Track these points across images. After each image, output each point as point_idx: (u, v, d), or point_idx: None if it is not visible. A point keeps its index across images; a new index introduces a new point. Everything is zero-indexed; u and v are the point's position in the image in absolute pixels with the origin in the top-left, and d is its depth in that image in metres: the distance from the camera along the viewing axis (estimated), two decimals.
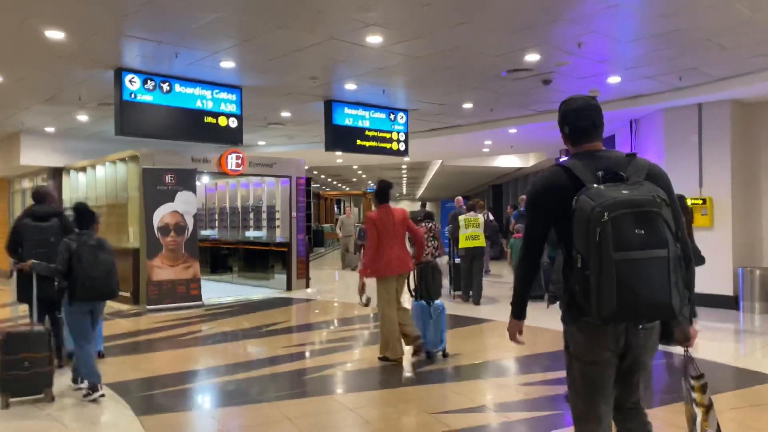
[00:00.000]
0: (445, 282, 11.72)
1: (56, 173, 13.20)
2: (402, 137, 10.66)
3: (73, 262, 4.74)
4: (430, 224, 10.26)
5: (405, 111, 10.62)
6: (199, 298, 10.24)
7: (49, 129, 11.98)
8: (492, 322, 8.37)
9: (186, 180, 10.33)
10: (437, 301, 6.17)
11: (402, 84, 8.87)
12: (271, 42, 6.63)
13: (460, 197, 12.82)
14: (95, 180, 11.97)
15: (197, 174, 10.76)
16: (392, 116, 10.48)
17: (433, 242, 10.58)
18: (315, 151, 14.71)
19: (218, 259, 14.59)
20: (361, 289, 5.91)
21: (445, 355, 6.20)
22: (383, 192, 5.98)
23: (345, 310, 9.98)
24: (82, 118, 10.76)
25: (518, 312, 2.51)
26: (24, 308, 6.17)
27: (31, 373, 4.74)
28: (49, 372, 4.88)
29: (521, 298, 2.50)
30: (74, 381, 5.22)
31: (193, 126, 8.22)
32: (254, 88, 8.72)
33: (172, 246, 10.12)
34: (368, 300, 5.90)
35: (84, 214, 5.01)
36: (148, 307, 9.77)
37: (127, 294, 10.22)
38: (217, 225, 14.74)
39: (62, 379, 5.31)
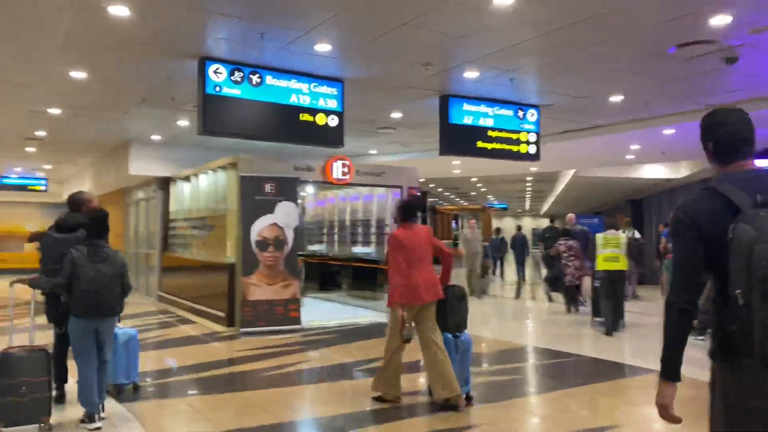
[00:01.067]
0: (583, 308, 10.49)
1: (164, 183, 12.86)
2: (532, 138, 8.94)
3: (74, 276, 4.38)
4: (570, 242, 8.51)
5: (536, 107, 8.91)
6: (297, 320, 9.12)
7: (156, 137, 11.57)
8: (628, 371, 6.40)
9: (287, 189, 9.31)
10: (464, 334, 5.24)
11: (534, 69, 7.22)
12: (371, 13, 5.32)
13: (572, 214, 11.81)
14: (198, 190, 11.36)
15: (300, 183, 9.72)
16: (521, 113, 8.81)
17: (574, 262, 8.97)
18: (431, 161, 13.30)
19: (326, 276, 13.61)
20: (402, 322, 4.85)
21: (469, 398, 5.14)
22: (411, 208, 5.22)
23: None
24: (183, 123, 10.14)
25: (671, 371, 2.07)
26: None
27: (28, 400, 4.25)
28: (48, 398, 4.38)
29: (674, 351, 2.06)
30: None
31: (286, 124, 7.10)
32: (358, 81, 7.48)
33: (270, 262, 9.11)
34: (410, 336, 4.88)
35: (98, 222, 4.58)
36: (242, 330, 8.79)
37: (222, 314, 9.35)
38: (325, 240, 13.74)
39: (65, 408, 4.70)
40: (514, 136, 8.77)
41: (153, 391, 5.70)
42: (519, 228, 17.36)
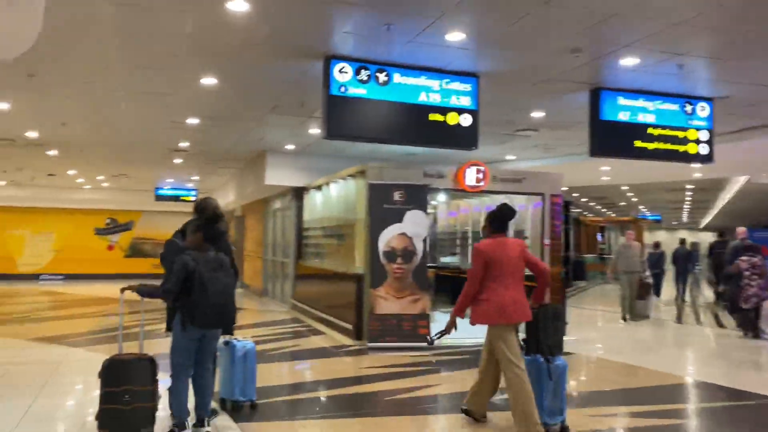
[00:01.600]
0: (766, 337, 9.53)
1: (298, 193, 12.90)
2: (704, 136, 7.60)
3: (192, 282, 4.14)
4: (754, 259, 7.13)
5: (708, 100, 7.58)
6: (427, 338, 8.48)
7: (289, 146, 11.59)
8: None
9: (416, 197, 8.75)
10: (558, 358, 4.72)
11: (707, 52, 6.04)
12: None
13: (743, 228, 10.77)
14: (329, 199, 11.19)
15: (430, 191, 9.12)
16: (688, 107, 7.53)
17: (758, 281, 7.57)
18: (575, 167, 12.13)
19: (459, 290, 12.80)
20: (450, 329, 4.81)
21: (564, 429, 4.63)
22: (501, 219, 4.75)
23: (627, 378, 7.18)
24: (314, 131, 9.99)
25: None
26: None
27: (131, 409, 4.06)
28: (152, 408, 4.19)
29: None
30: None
31: (414, 125, 6.52)
32: (494, 75, 6.74)
33: (399, 274, 8.57)
34: (435, 337, 4.98)
35: (215, 226, 4.36)
36: (369, 344, 8.33)
37: (350, 326, 8.97)
38: (458, 251, 13.02)
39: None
40: (681, 134, 7.50)
41: (272, 411, 5.32)
42: (683, 242, 15.44)
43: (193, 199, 19.95)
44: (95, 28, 5.53)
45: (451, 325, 4.76)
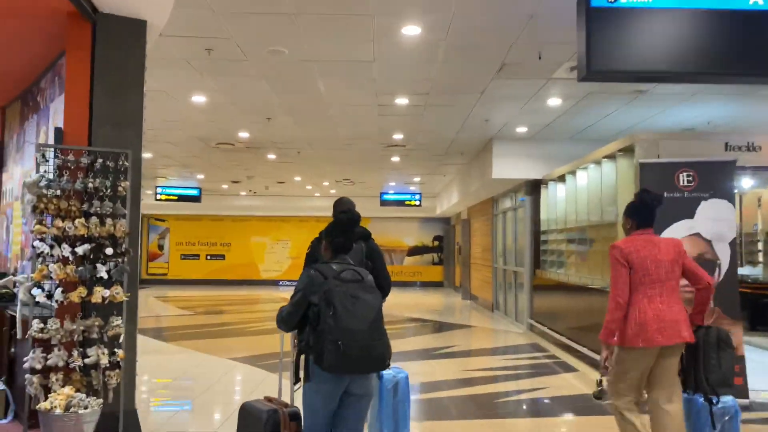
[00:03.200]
0: None
1: (533, 188, 10.61)
2: None
3: (319, 307, 2.88)
4: None
5: None
6: (744, 391, 5.58)
7: (521, 129, 9.39)
8: None
9: (715, 180, 5.91)
10: (726, 398, 3.56)
11: None
12: None
13: None
14: (575, 192, 8.68)
15: (737, 171, 6.17)
16: None
17: None
18: None
19: (761, 311, 9.37)
20: (604, 365, 3.56)
21: None
22: (645, 209, 3.71)
23: None
24: (554, 102, 7.67)
25: None
26: None
27: None
28: None
29: None
30: None
31: (734, 47, 3.87)
32: None
33: (691, 295, 5.82)
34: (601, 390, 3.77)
35: (345, 227, 3.22)
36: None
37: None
38: (762, 259, 9.47)
39: None
40: None
41: None
42: None
43: (417, 203, 18.83)
44: None
45: (605, 359, 3.59)
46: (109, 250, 4.34)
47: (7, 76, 5.81)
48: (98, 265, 4.32)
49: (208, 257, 22.63)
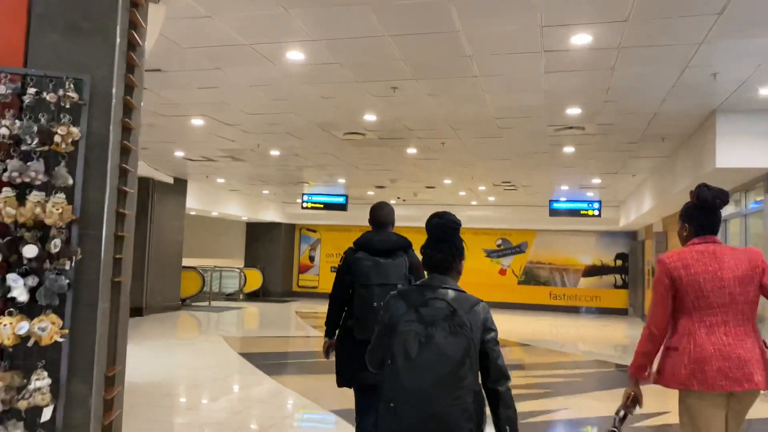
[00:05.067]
0: None
1: None
2: None
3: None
4: None
5: None
6: None
7: (764, 91, 6.23)
8: None
9: None
10: None
11: None
12: None
13: None
14: None
15: None
16: None
17: None
18: None
19: None
20: (629, 402, 2.89)
21: None
22: (703, 210, 2.87)
23: None
24: None
25: None
26: None
27: None
28: None
29: None
30: None
31: None
32: None
33: None
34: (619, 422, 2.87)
35: (446, 242, 2.43)
36: None
37: None
38: None
39: None
40: None
41: None
42: None
43: (596, 213, 15.59)
44: None
45: (632, 394, 2.86)
46: (30, 251, 2.41)
47: None
48: (9, 276, 2.42)
49: None
